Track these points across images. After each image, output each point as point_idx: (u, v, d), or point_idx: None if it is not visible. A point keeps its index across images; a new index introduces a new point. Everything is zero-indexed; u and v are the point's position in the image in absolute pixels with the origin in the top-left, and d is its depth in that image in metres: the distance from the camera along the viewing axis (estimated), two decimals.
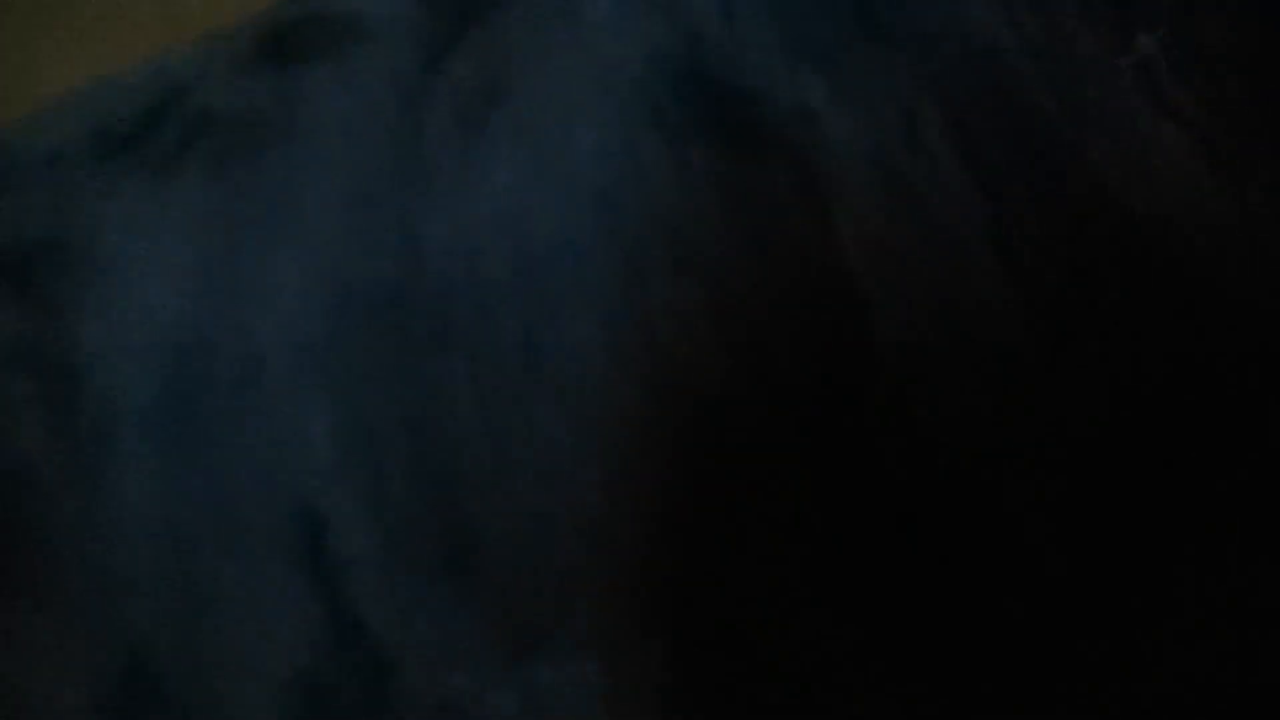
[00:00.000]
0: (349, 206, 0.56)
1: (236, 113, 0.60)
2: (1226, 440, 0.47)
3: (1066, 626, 0.47)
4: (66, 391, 0.57)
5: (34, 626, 0.55)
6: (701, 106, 0.54)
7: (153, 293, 0.57)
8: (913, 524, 0.47)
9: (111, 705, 0.54)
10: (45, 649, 0.55)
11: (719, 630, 0.50)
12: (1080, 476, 0.47)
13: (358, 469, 0.53)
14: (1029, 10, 0.52)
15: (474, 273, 0.54)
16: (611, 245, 0.53)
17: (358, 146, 0.57)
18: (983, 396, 0.49)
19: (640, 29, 0.56)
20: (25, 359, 0.58)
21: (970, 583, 0.47)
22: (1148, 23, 0.51)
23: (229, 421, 0.55)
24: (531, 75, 0.56)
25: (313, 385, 0.55)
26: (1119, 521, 0.47)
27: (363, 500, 0.53)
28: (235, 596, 0.54)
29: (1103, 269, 0.50)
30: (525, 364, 0.52)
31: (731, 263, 0.52)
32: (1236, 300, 0.49)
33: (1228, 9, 0.51)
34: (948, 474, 0.47)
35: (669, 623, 0.51)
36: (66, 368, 0.57)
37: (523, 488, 0.52)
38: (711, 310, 0.52)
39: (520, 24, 0.58)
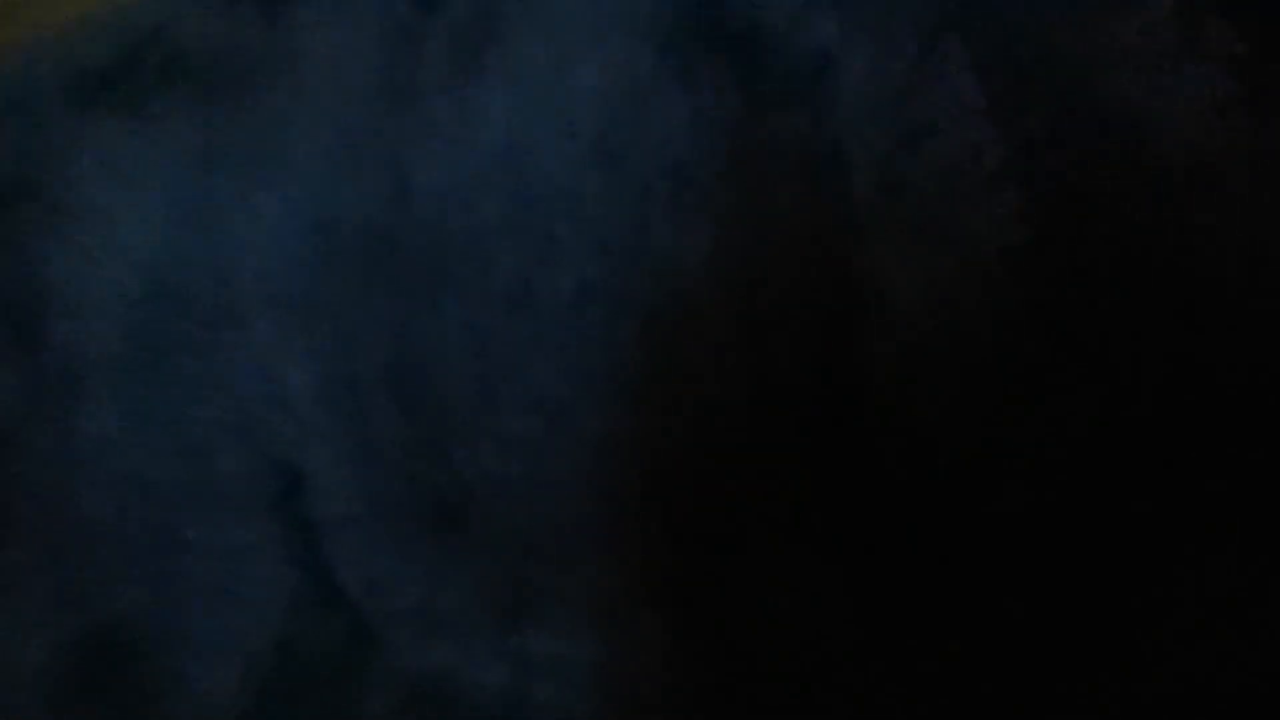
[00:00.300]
0: (337, 147, 0.54)
1: (219, 51, 0.57)
2: (1226, 440, 0.47)
3: (1066, 626, 0.46)
4: (32, 336, 0.54)
5: None
6: (713, 47, 0.51)
7: (125, 235, 0.54)
8: (913, 519, 0.46)
9: (74, 666, 0.51)
10: (6, 606, 0.52)
11: (720, 608, 0.48)
12: (1080, 476, 0.46)
13: (338, 421, 0.51)
14: None
15: (467, 216, 0.51)
16: (614, 190, 0.51)
17: (347, 86, 0.54)
18: (983, 377, 0.47)
19: None
20: None
21: (970, 582, 0.46)
22: None
23: (202, 370, 0.52)
24: (531, 13, 0.53)
25: (293, 332, 0.52)
26: (1119, 522, 0.46)
27: (343, 455, 0.50)
28: (206, 555, 0.51)
29: (1128, 216, 0.48)
30: (521, 311, 0.50)
31: (742, 212, 0.50)
32: (1249, 291, 0.47)
33: None
34: (947, 468, 0.46)
35: (670, 594, 0.48)
36: (33, 311, 0.54)
37: (516, 442, 0.49)
38: (720, 258, 0.50)
39: None
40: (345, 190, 0.52)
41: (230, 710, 0.50)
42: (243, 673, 0.50)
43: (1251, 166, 0.48)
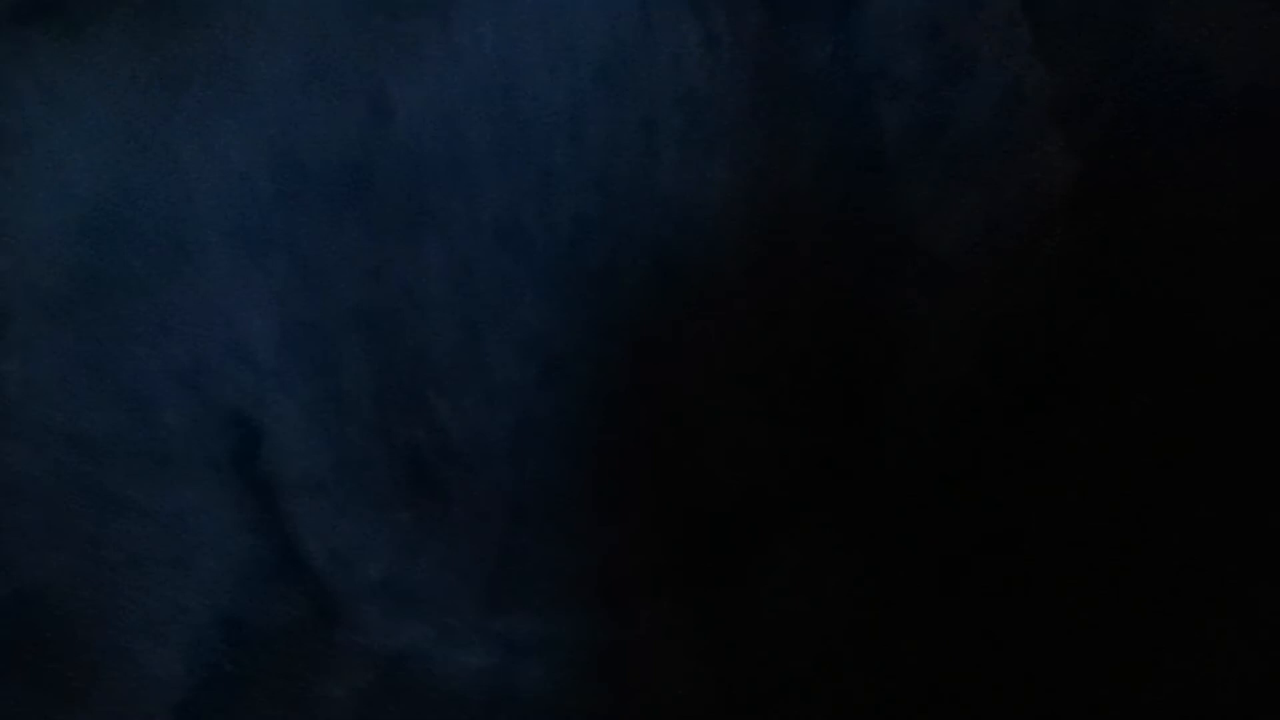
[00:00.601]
0: (305, 69, 0.48)
1: None
2: (1236, 439, 0.45)
3: (1067, 627, 0.45)
4: None
5: None
6: None
7: (65, 164, 0.48)
8: (915, 514, 0.44)
9: None
10: None
11: (727, 597, 0.45)
12: (1103, 455, 0.44)
13: (302, 369, 0.45)
14: None
15: (453, 144, 0.46)
16: (617, 119, 0.45)
17: (320, 4, 0.49)
18: (1001, 337, 0.44)
19: None
20: None
21: (977, 580, 0.44)
22: None
23: (148, 311, 0.46)
24: None
25: (252, 271, 0.46)
26: (1124, 522, 0.44)
27: (307, 407, 0.45)
28: (147, 518, 0.45)
29: (1186, 156, 0.45)
30: (511, 247, 0.44)
31: (761, 149, 0.45)
32: None
33: None
34: (946, 469, 0.44)
35: (674, 576, 0.44)
36: None
37: (504, 392, 0.44)
38: (735, 198, 0.45)
39: None
40: (314, 116, 0.47)
41: (172, 692, 0.44)
42: (187, 651, 0.45)
43: None
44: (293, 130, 0.48)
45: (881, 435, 0.43)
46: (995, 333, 0.44)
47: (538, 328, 0.43)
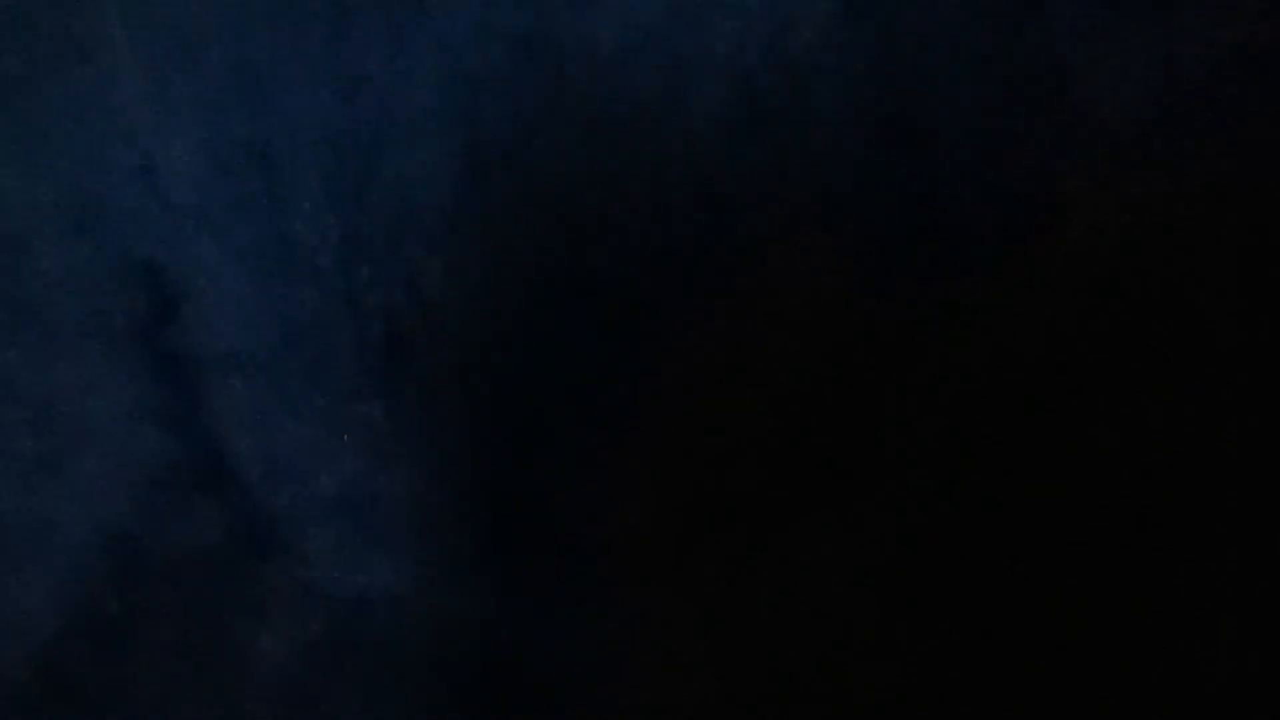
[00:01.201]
0: None
1: None
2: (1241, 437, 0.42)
3: (1067, 626, 0.43)
4: None
5: None
6: None
7: None
8: (916, 513, 0.41)
9: None
10: None
11: (741, 582, 0.39)
12: (1087, 472, 0.42)
13: (239, 208, 0.34)
14: None
15: None
16: None
17: None
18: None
19: None
20: None
21: (971, 582, 0.42)
22: None
23: (23, 128, 0.35)
24: None
25: (172, 77, 0.35)
26: (1124, 521, 0.43)
27: (243, 258, 0.34)
28: (11, 401, 0.34)
29: None
30: (533, 62, 0.34)
31: None
32: None
33: None
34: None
35: (688, 557, 0.37)
36: None
37: (517, 252, 0.33)
38: (849, 14, 0.35)
39: None
40: None
41: (33, 634, 0.33)
42: (59, 580, 0.33)
43: None
44: None
45: (882, 435, 0.39)
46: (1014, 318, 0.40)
47: (559, 172, 0.33)
